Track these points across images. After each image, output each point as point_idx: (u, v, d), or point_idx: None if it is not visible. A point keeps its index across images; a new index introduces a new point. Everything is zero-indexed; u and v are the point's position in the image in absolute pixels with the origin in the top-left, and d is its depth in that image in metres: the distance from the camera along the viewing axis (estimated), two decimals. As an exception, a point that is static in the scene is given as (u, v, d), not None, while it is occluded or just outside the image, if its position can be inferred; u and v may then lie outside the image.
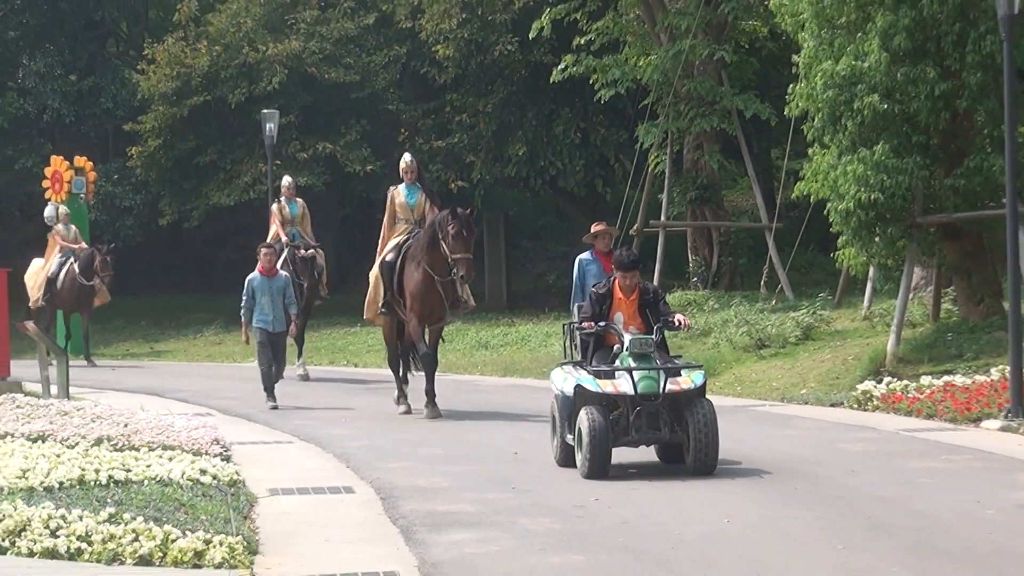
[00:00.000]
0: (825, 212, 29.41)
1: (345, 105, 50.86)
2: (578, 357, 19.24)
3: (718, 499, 16.80)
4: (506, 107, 49.35)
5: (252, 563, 13.56)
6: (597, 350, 18.39)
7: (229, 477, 17.94)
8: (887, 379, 25.88)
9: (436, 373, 25.94)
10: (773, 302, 36.88)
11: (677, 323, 18.63)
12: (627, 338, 17.62)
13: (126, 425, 21.32)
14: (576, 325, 18.96)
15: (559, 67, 42.59)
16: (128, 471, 17.51)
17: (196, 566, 13.28)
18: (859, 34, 28.61)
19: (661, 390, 17.07)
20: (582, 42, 42.71)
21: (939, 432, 21.50)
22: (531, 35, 43.88)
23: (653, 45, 40.55)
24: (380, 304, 25.58)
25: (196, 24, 51.97)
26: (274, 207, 33.83)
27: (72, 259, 36.02)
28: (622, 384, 17.19)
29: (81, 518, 14.24)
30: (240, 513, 15.84)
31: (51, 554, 13.48)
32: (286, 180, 34.97)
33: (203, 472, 17.79)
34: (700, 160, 41.74)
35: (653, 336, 17.95)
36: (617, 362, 17.71)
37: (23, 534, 13.80)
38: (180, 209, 50.83)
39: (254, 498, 17.13)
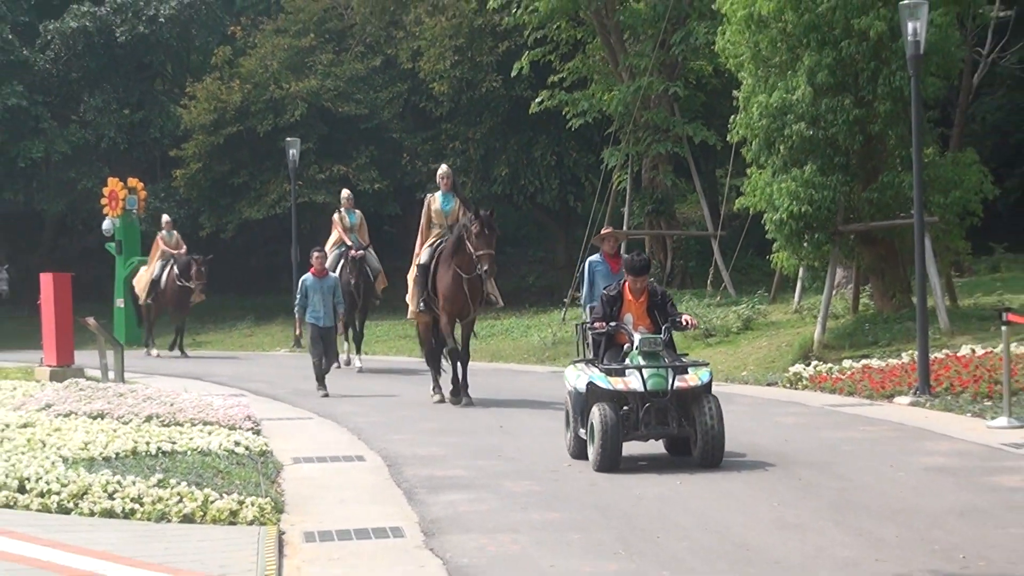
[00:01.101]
0: (762, 222, 29.43)
1: (356, 134, 50.82)
2: (590, 355, 17.93)
3: (671, 465, 16.84)
4: (492, 135, 49.32)
5: (279, 520, 13.59)
6: (608, 349, 17.26)
7: (259, 448, 17.97)
8: (814, 363, 25.89)
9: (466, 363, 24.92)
10: (718, 298, 36.85)
11: (684, 323, 17.55)
12: (637, 337, 16.49)
13: (172, 404, 21.34)
14: (588, 325, 17.76)
15: (536, 100, 42.57)
16: (174, 443, 17.54)
17: (231, 523, 13.30)
18: (789, 72, 28.63)
19: (669, 387, 15.93)
20: (556, 79, 42.72)
21: (858, 407, 21.48)
22: (513, 74, 43.86)
23: (616, 82, 40.53)
24: (419, 303, 24.49)
25: (230, 66, 51.86)
26: (335, 216, 32.75)
27: (172, 263, 35.86)
28: (632, 381, 16.05)
29: (134, 483, 14.28)
30: (268, 478, 15.86)
31: (108, 514, 13.53)
32: (345, 193, 33.64)
33: (237, 444, 17.82)
34: (656, 178, 41.73)
35: (662, 335, 16.76)
36: (627, 360, 16.52)
37: (85, 497, 13.85)
38: (217, 222, 50.81)
39: (280, 465, 17.13)
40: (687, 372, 16.24)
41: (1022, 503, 13.73)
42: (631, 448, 16.80)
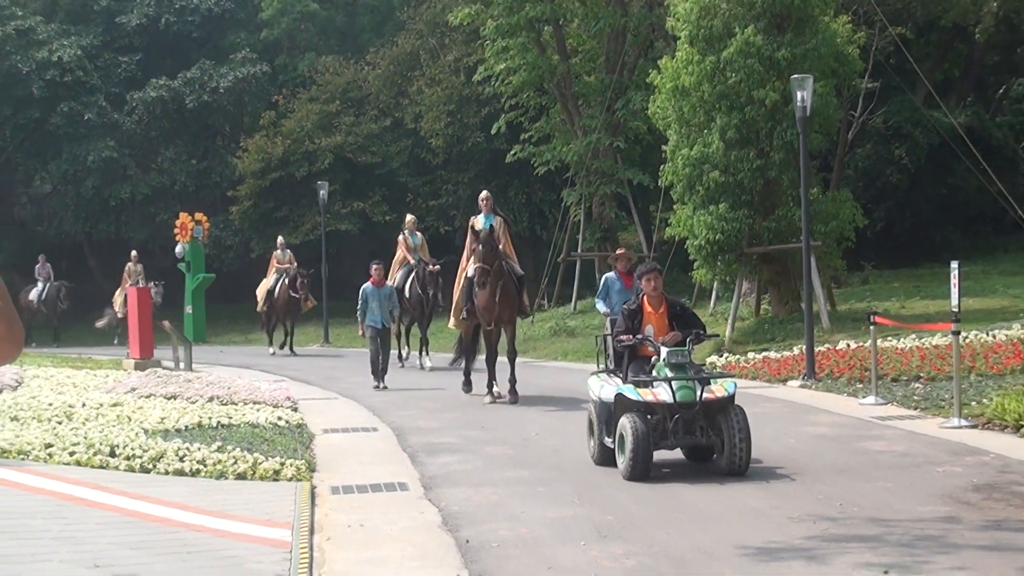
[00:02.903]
0: (685, 246, 29.44)
1: (372, 178, 50.76)
2: (611, 367, 15.29)
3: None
4: (476, 179, 49.16)
5: (312, 477, 13.58)
6: (632, 361, 14.48)
7: (296, 421, 17.94)
8: (726, 354, 25.87)
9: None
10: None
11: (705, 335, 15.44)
12: (664, 350, 13.85)
13: (229, 388, 21.27)
14: (615, 339, 14.82)
15: (511, 152, 42.47)
16: (230, 418, 17.53)
17: (275, 480, 13.30)
18: (705, 130, 28.64)
19: (698, 398, 13.39)
20: (526, 136, 42.65)
21: (760, 389, 21.41)
22: (493, 132, 43.76)
23: (572, 138, 40.45)
24: (463, 311, 22.03)
25: (274, 126, 51.73)
26: (400, 237, 30.70)
27: (285, 277, 35.39)
28: (661, 393, 13.47)
29: (199, 449, 14.33)
30: (303, 445, 15.81)
31: (179, 473, 13.54)
32: (409, 217, 31.52)
33: (279, 418, 17.81)
34: (603, 212, 41.63)
35: (687, 347, 14.09)
36: (655, 372, 13.89)
37: (161, 460, 13.85)
38: (264, 246, 50.51)
39: (312, 435, 17.08)
40: (710, 383, 13.80)
41: (885, 462, 13.76)
42: (583, 422, 16.70)
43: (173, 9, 55.07)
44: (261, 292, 35.70)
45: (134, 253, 38.97)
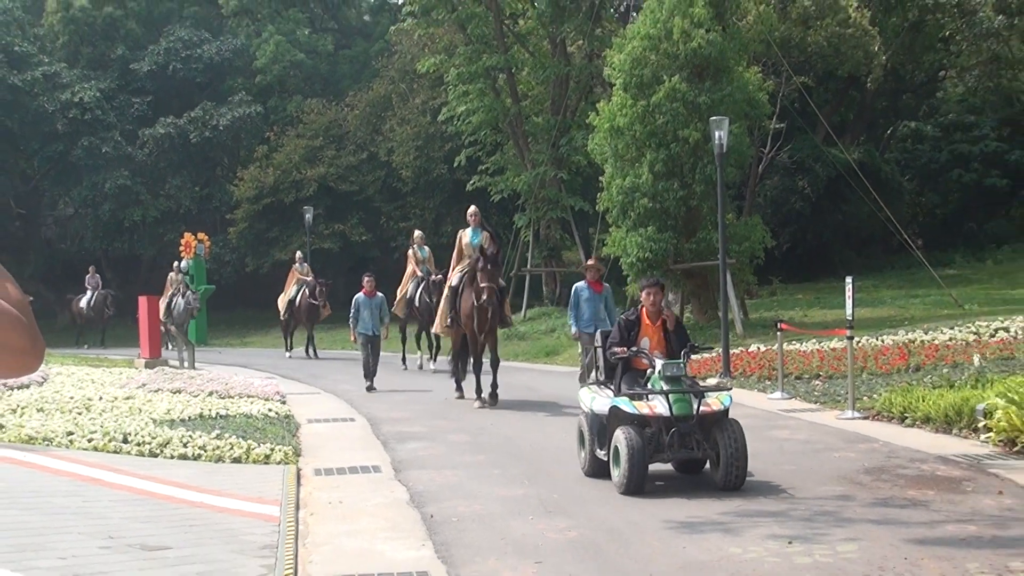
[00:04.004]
0: (620, 263, 29.51)
1: (350, 204, 50.65)
2: (602, 378, 13.31)
3: (560, 425, 16.78)
4: (441, 205, 49.29)
5: (297, 461, 13.54)
6: (625, 373, 12.77)
7: (284, 413, 17.84)
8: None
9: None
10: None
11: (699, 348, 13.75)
12: (659, 363, 12.19)
13: (226, 384, 21.16)
14: (608, 350, 12.83)
15: (470, 182, 42.54)
16: (227, 410, 17.41)
17: (266, 463, 13.26)
18: (636, 164, 28.74)
19: (695, 411, 11.73)
20: (483, 168, 42.77)
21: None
22: (455, 164, 43.81)
23: (523, 170, 40.54)
24: (447, 320, 20.27)
25: (266, 159, 51.62)
26: (409, 251, 28.87)
27: (305, 287, 34.55)
28: (657, 406, 11.77)
29: (200, 437, 14.26)
30: (291, 433, 15.78)
31: (183, 457, 13.45)
32: (417, 233, 29.39)
33: (270, 410, 17.70)
34: (549, 234, 41.69)
35: (682, 361, 12.35)
36: (650, 385, 12.18)
37: (167, 446, 13.77)
38: (257, 262, 50.49)
39: (298, 425, 17.01)
40: (706, 396, 12.04)
41: (790, 449, 13.80)
42: (532, 412, 16.64)
43: (180, 58, 55.14)
44: (283, 302, 35.00)
45: (176, 264, 38.36)
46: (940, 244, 45.89)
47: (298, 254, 37.22)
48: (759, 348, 24.17)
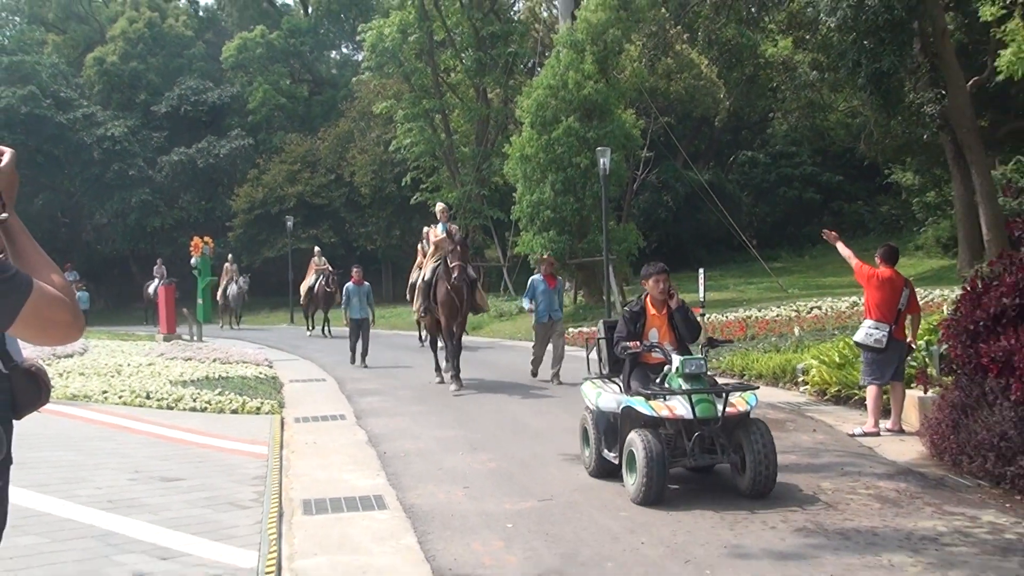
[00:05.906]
0: (528, 259, 29.56)
1: (323, 214, 50.22)
2: (606, 371, 9.64)
3: (507, 396, 16.74)
4: (392, 215, 48.98)
5: (281, 412, 13.42)
6: (634, 368, 9.04)
7: (271, 375, 17.72)
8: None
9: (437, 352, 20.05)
10: (504, 297, 36.49)
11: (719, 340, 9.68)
12: (677, 359, 8.43)
13: (226, 353, 20.95)
14: (616, 346, 9.08)
15: (414, 197, 42.47)
16: (227, 373, 17.25)
17: (257, 414, 13.16)
18: (541, 183, 28.79)
19: (720, 414, 8.09)
20: (424, 186, 42.68)
21: (573, 351, 21.43)
22: (402, 183, 43.69)
23: (455, 188, 40.53)
24: (420, 309, 17.16)
25: (257, 180, 50.98)
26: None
27: (322, 277, 32.96)
28: (678, 407, 8.09)
29: (206, 393, 14.10)
30: (276, 390, 15.67)
31: (193, 410, 13.32)
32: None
33: (260, 373, 17.59)
34: (475, 237, 41.64)
35: (703, 357, 8.60)
36: (667, 383, 8.45)
37: (181, 401, 13.64)
38: (251, 259, 49.91)
39: (282, 384, 16.90)
40: (729, 396, 8.28)
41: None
42: (466, 373, 16.47)
43: (190, 102, 54.57)
44: (304, 288, 33.61)
45: (230, 256, 36.80)
46: (770, 244, 46.31)
47: (316, 248, 35.99)
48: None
